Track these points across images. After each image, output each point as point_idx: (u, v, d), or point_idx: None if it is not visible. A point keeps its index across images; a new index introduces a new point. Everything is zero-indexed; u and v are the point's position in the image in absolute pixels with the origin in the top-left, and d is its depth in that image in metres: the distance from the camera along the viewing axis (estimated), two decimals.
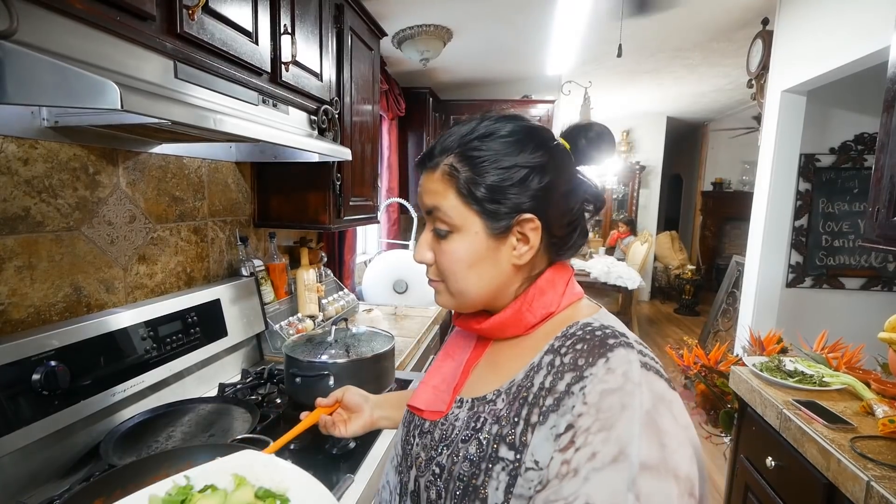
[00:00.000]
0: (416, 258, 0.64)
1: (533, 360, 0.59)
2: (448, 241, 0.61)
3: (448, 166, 0.60)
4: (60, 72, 0.67)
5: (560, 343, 0.57)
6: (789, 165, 2.40)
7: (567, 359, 0.54)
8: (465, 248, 0.60)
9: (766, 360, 1.62)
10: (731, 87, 4.31)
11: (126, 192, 1.22)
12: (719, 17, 2.66)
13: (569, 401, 0.50)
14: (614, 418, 0.47)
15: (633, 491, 0.44)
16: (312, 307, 1.91)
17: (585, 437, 0.47)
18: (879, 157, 1.27)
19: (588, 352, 0.53)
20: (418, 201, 0.64)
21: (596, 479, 0.45)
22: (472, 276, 0.61)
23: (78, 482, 0.93)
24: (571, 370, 0.53)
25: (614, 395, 0.49)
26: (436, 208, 0.60)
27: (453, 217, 0.60)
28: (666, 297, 6.83)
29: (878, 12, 1.64)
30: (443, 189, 0.60)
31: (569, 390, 0.51)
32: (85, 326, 1.02)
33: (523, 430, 0.53)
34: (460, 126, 0.62)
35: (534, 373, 0.57)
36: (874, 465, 1.04)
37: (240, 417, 1.16)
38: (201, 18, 0.98)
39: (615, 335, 0.55)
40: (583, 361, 0.53)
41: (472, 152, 0.60)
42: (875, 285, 2.60)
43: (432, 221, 0.62)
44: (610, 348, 0.53)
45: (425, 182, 0.62)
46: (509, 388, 0.58)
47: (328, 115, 1.58)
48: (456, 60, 3.24)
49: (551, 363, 0.56)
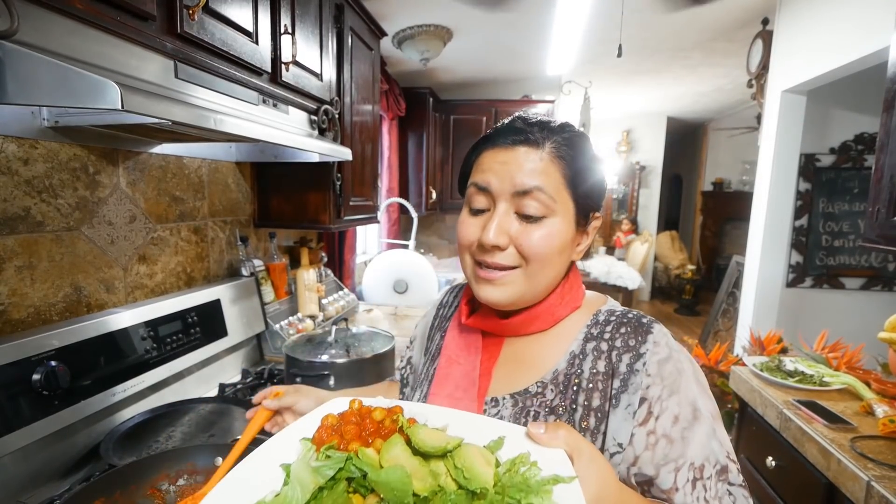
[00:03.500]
0: (492, 239, 0.58)
1: (570, 348, 0.61)
2: (541, 225, 0.59)
3: (556, 147, 0.59)
4: (61, 72, 0.67)
5: (599, 330, 0.61)
6: (789, 165, 2.40)
7: (618, 342, 0.59)
8: (559, 232, 0.59)
9: (766, 360, 1.62)
10: (731, 86, 4.31)
11: (126, 192, 1.22)
12: (719, 17, 2.66)
13: (635, 378, 0.56)
14: (676, 382, 0.56)
15: (715, 438, 0.55)
16: (312, 307, 1.91)
17: (661, 405, 0.55)
18: (879, 157, 1.27)
19: (633, 333, 0.59)
20: (494, 178, 0.59)
21: (690, 436, 0.53)
22: (556, 264, 0.61)
23: (78, 482, 0.93)
24: (627, 351, 0.58)
25: (669, 363, 0.57)
26: (538, 188, 0.58)
27: (555, 199, 0.58)
28: (666, 296, 6.83)
29: (878, 12, 1.64)
30: (550, 169, 0.59)
31: (631, 369, 0.57)
32: (85, 326, 1.02)
33: (583, 415, 0.57)
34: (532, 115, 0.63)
35: (579, 360, 0.60)
36: (874, 465, 1.04)
37: (240, 417, 1.16)
38: (201, 18, 0.98)
39: (643, 315, 0.62)
40: (633, 342, 0.58)
41: (576, 140, 0.61)
42: (875, 285, 2.60)
43: (519, 202, 0.59)
44: (649, 326, 0.59)
45: (520, 159, 0.59)
46: (554, 378, 0.60)
47: (328, 115, 1.58)
48: (456, 60, 3.24)
49: (596, 349, 0.60)
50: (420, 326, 0.85)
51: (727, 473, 0.55)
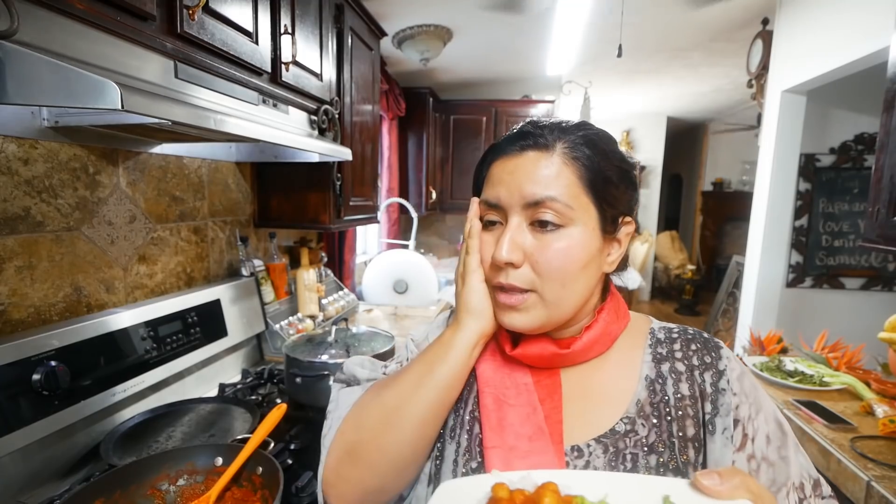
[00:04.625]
0: (504, 257, 0.51)
1: (643, 372, 0.56)
2: (558, 237, 0.52)
3: (570, 148, 0.53)
4: (61, 72, 0.67)
5: (666, 349, 0.57)
6: (789, 165, 2.40)
7: (695, 360, 0.55)
8: (581, 244, 0.52)
9: (766, 360, 1.62)
10: (731, 87, 4.31)
11: (126, 192, 1.22)
12: (719, 17, 2.66)
13: (723, 398, 0.53)
14: (756, 395, 0.54)
15: (800, 451, 0.54)
16: (312, 307, 1.91)
17: (752, 425, 0.52)
18: (879, 157, 1.27)
19: (705, 349, 0.56)
20: (503, 191, 0.53)
21: (787, 455, 0.52)
22: (581, 280, 0.53)
23: (78, 482, 0.93)
24: (706, 369, 0.54)
25: (746, 378, 0.54)
26: (549, 198, 0.51)
27: (573, 207, 0.52)
28: (666, 296, 6.82)
29: (878, 12, 1.64)
30: (564, 173, 0.52)
31: (717, 388, 0.53)
32: (85, 326, 1.02)
33: (681, 448, 0.51)
34: (545, 118, 0.57)
35: (660, 385, 0.54)
36: (874, 465, 1.04)
37: (240, 417, 1.16)
38: (201, 18, 0.98)
39: (699, 330, 0.59)
40: (709, 359, 0.55)
41: (595, 138, 0.55)
42: (875, 285, 2.60)
43: (532, 213, 0.52)
44: (714, 341, 0.57)
45: (528, 166, 0.53)
46: (640, 410, 0.53)
47: (328, 115, 1.58)
48: (456, 60, 3.23)
49: (673, 370, 0.55)
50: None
51: (820, 487, 0.53)
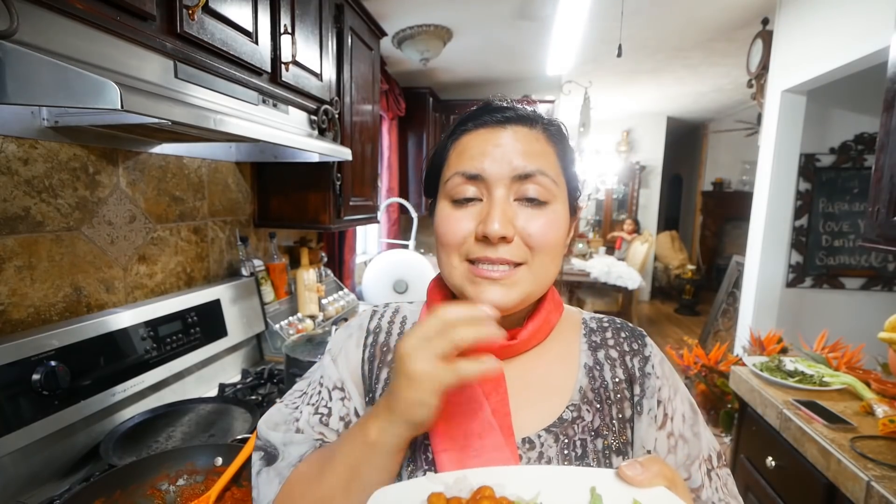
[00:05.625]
0: (499, 230, 0.49)
1: (581, 360, 0.57)
2: (544, 212, 0.51)
3: (548, 125, 0.55)
4: (61, 72, 0.67)
5: (599, 338, 0.59)
6: (789, 165, 2.40)
7: (625, 346, 0.58)
8: (561, 220, 0.53)
9: (766, 360, 1.62)
10: (731, 86, 4.31)
11: (126, 192, 1.22)
12: (719, 17, 2.66)
13: (649, 382, 0.56)
14: (673, 379, 0.58)
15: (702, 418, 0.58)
16: (312, 307, 1.91)
17: (671, 405, 0.56)
18: (879, 157, 1.27)
19: (632, 336, 0.59)
20: (488, 162, 0.51)
21: (699, 432, 0.56)
22: (558, 256, 0.54)
23: (78, 482, 0.93)
24: (635, 355, 0.58)
25: (665, 363, 0.58)
26: (540, 171, 0.51)
27: (557, 183, 0.53)
28: (666, 296, 6.83)
29: (878, 12, 1.64)
30: (548, 150, 0.53)
31: (644, 373, 0.56)
32: (85, 326, 1.02)
33: (620, 429, 0.54)
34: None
35: (597, 371, 0.57)
36: (874, 465, 1.04)
37: (240, 417, 1.16)
38: (201, 18, 0.98)
39: (623, 320, 0.63)
40: (637, 346, 0.58)
41: (561, 124, 0.57)
42: (875, 285, 2.59)
43: (520, 187, 0.51)
44: (637, 329, 0.60)
45: (519, 140, 0.52)
46: (584, 397, 0.54)
47: (328, 115, 1.58)
48: (456, 60, 3.23)
49: (608, 357, 0.58)
50: (339, 368, 0.59)
51: (722, 458, 0.57)
